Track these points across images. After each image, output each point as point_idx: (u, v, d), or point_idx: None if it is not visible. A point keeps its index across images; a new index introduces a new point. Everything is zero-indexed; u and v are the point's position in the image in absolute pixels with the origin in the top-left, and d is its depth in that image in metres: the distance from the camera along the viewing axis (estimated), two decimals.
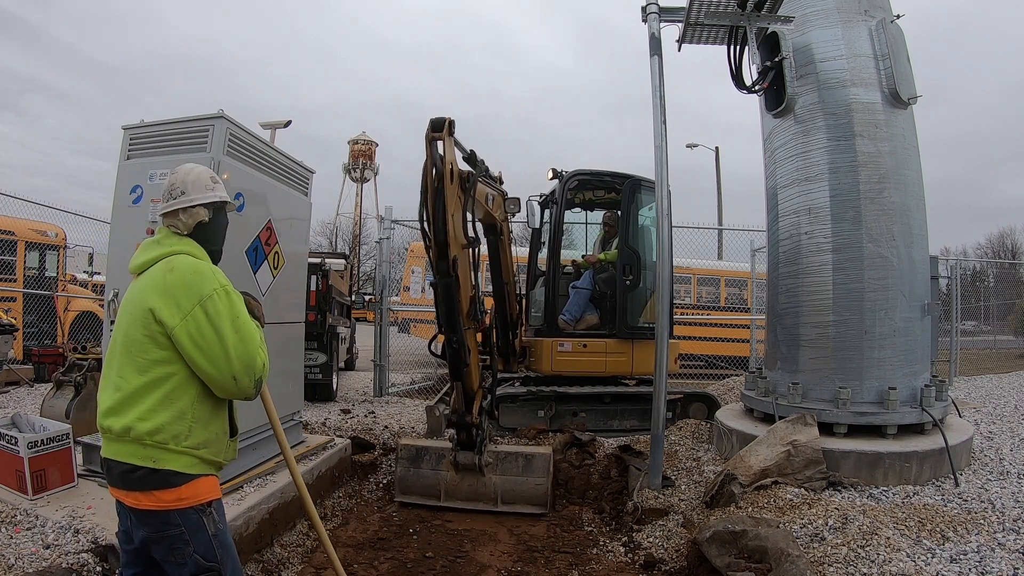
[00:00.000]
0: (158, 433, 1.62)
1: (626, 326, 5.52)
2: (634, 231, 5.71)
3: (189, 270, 1.71)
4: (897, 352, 3.80)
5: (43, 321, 8.41)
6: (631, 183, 5.71)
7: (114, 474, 1.67)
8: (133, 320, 1.68)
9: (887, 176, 3.87)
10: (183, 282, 1.67)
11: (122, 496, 1.67)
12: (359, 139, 40.30)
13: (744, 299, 12.63)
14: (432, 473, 4.09)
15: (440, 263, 3.53)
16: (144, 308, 1.66)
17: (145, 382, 1.65)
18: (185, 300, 1.65)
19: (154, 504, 1.62)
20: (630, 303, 5.58)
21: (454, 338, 3.69)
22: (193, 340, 1.63)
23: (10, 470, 2.96)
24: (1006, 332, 17.22)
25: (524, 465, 4.07)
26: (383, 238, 7.76)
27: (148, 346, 1.66)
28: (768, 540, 2.55)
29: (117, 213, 3.38)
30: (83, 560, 2.39)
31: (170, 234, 1.83)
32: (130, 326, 1.68)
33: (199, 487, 1.68)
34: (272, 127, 5.15)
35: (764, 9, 3.75)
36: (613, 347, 5.53)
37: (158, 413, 1.63)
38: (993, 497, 3.07)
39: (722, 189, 18.95)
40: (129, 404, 1.64)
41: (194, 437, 1.67)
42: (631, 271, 5.54)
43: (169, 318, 1.63)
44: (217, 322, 1.66)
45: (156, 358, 1.65)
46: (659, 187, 3.78)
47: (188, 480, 1.66)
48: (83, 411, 4.23)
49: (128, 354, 1.67)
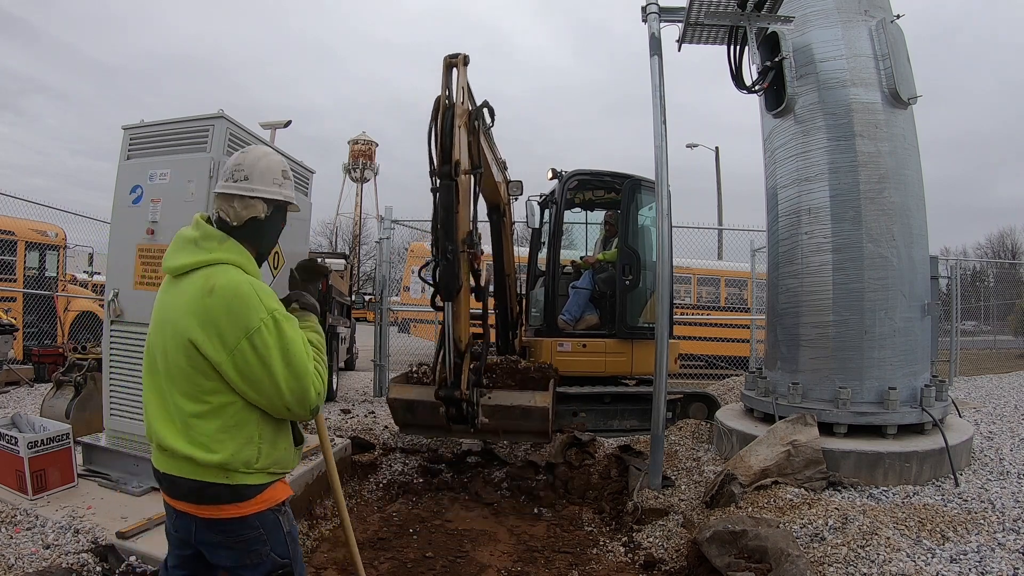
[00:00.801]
0: (227, 464, 1.51)
1: (625, 326, 5.52)
2: (634, 231, 5.71)
3: (232, 294, 1.49)
4: (897, 352, 3.80)
5: (43, 321, 8.42)
6: (631, 183, 5.72)
7: (181, 490, 1.57)
8: (176, 347, 1.51)
9: (887, 176, 3.87)
10: (226, 310, 1.47)
11: (193, 509, 1.57)
12: (359, 139, 40.32)
13: (744, 299, 12.63)
14: (430, 417, 3.98)
15: (443, 167, 3.44)
16: (185, 339, 1.49)
17: (201, 411, 1.52)
18: (230, 333, 1.47)
19: (235, 513, 1.56)
20: (630, 303, 5.58)
21: (449, 248, 3.39)
22: (242, 375, 1.49)
23: (10, 470, 2.96)
24: (1006, 332, 17.23)
25: (521, 415, 3.92)
26: (383, 238, 7.76)
27: (196, 376, 1.51)
28: (768, 540, 2.55)
29: (117, 213, 3.38)
30: (83, 560, 2.39)
31: (209, 232, 1.61)
32: (172, 351, 1.53)
33: (275, 491, 1.65)
34: (272, 127, 5.15)
35: (764, 9, 3.75)
36: (613, 347, 5.53)
37: (224, 444, 1.51)
38: (993, 497, 3.07)
39: (722, 189, 18.96)
40: (186, 433, 1.52)
41: (264, 458, 1.58)
42: (631, 271, 5.54)
43: (215, 353, 1.47)
44: (266, 357, 1.48)
45: (208, 388, 1.51)
46: (659, 187, 3.78)
47: (264, 488, 1.61)
48: (83, 411, 4.23)
49: (173, 380, 1.54)
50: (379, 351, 7.52)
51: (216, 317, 1.47)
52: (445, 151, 3.46)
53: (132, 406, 3.25)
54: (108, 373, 3.33)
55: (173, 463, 1.56)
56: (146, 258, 3.24)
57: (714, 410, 5.10)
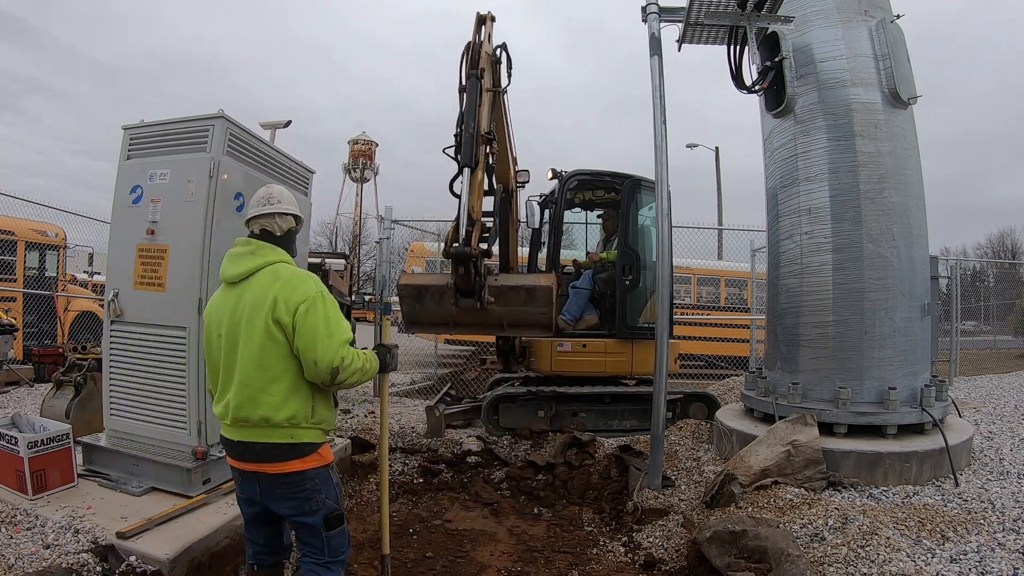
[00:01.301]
0: (293, 417, 1.99)
1: (625, 326, 5.52)
2: (634, 231, 5.71)
3: (293, 278, 2.05)
4: (897, 352, 3.80)
5: (43, 321, 8.41)
6: (631, 183, 5.72)
7: (254, 452, 2.01)
8: (254, 327, 1.98)
9: (887, 176, 3.87)
10: (292, 289, 2.01)
11: (264, 468, 2.02)
12: (359, 139, 40.27)
13: (744, 299, 12.62)
14: (436, 308, 4.07)
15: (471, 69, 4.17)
16: (263, 313, 1.97)
17: (270, 376, 1.97)
18: (293, 301, 1.98)
19: (300, 467, 2.01)
20: (629, 303, 5.58)
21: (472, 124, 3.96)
22: (298, 331, 1.97)
23: (10, 470, 2.96)
24: (1006, 332, 17.23)
25: (526, 297, 4.01)
26: (383, 238, 7.76)
27: (268, 345, 1.97)
28: (768, 540, 2.55)
29: (117, 213, 3.38)
30: (83, 560, 2.39)
31: (261, 244, 2.14)
32: (247, 329, 1.99)
33: (326, 451, 2.11)
34: (272, 127, 5.16)
35: (764, 9, 3.75)
36: (612, 347, 5.53)
37: (289, 402, 1.99)
38: (993, 497, 3.07)
39: (722, 189, 18.95)
40: (260, 398, 1.97)
41: (317, 415, 2.06)
42: (631, 271, 5.54)
43: (285, 315, 1.97)
44: (314, 318, 1.98)
45: (276, 354, 1.98)
46: (659, 187, 3.78)
47: (319, 447, 2.08)
48: (83, 411, 4.23)
49: (248, 354, 1.98)
50: None
51: (287, 293, 1.99)
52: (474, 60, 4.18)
53: (132, 406, 3.25)
54: (108, 373, 3.33)
55: (248, 431, 2.01)
56: (146, 258, 3.24)
57: (714, 410, 5.10)
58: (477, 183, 3.97)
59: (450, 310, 4.05)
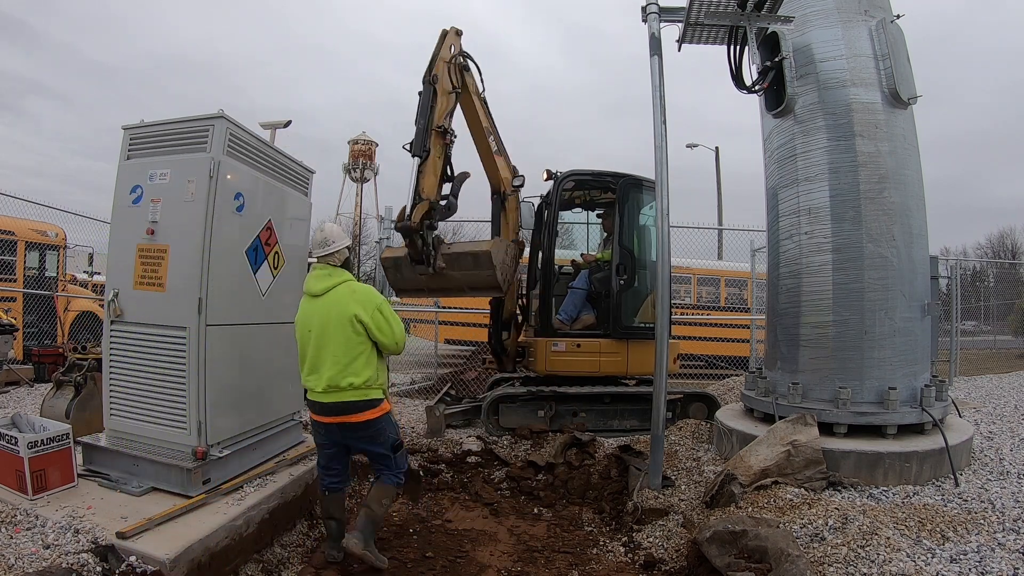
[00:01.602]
0: (367, 381, 2.99)
1: (620, 326, 5.51)
2: (629, 230, 5.71)
3: (364, 291, 3.09)
4: (897, 352, 3.80)
5: (43, 321, 8.41)
6: (625, 182, 5.71)
7: (341, 406, 2.98)
8: (339, 322, 2.97)
9: (887, 176, 3.87)
10: (366, 297, 3.05)
11: (349, 418, 2.99)
12: (359, 139, 40.22)
13: (744, 299, 12.62)
14: (412, 275, 4.99)
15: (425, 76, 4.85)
16: (349, 314, 2.97)
17: (353, 355, 2.97)
18: (369, 306, 3.01)
19: (373, 415, 3.02)
20: (625, 303, 5.57)
21: (421, 122, 4.71)
22: (377, 327, 3.01)
23: (10, 470, 2.96)
24: (1006, 332, 17.22)
25: (474, 262, 4.85)
26: (383, 238, 7.75)
27: (352, 335, 2.97)
28: (768, 540, 2.55)
29: (117, 213, 3.37)
30: (83, 560, 2.39)
31: (333, 269, 3.12)
32: (336, 326, 2.97)
33: (387, 403, 3.12)
34: (272, 127, 5.15)
35: (764, 9, 3.75)
36: (607, 347, 5.53)
37: (365, 370, 2.99)
38: (993, 497, 3.07)
39: (722, 189, 18.94)
40: (346, 370, 2.95)
41: (380, 379, 3.08)
42: (625, 270, 5.54)
43: (365, 316, 2.98)
44: (385, 317, 3.05)
45: (357, 341, 2.98)
46: (659, 187, 3.78)
47: (383, 400, 3.08)
48: (83, 411, 4.23)
49: (337, 342, 2.96)
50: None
51: (363, 301, 3.02)
52: (429, 67, 4.86)
53: (132, 406, 3.25)
54: (108, 373, 3.32)
55: (335, 393, 2.96)
56: (146, 258, 3.23)
57: (714, 410, 5.10)
58: (428, 169, 4.69)
59: (422, 278, 4.90)
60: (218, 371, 3.23)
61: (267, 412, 3.78)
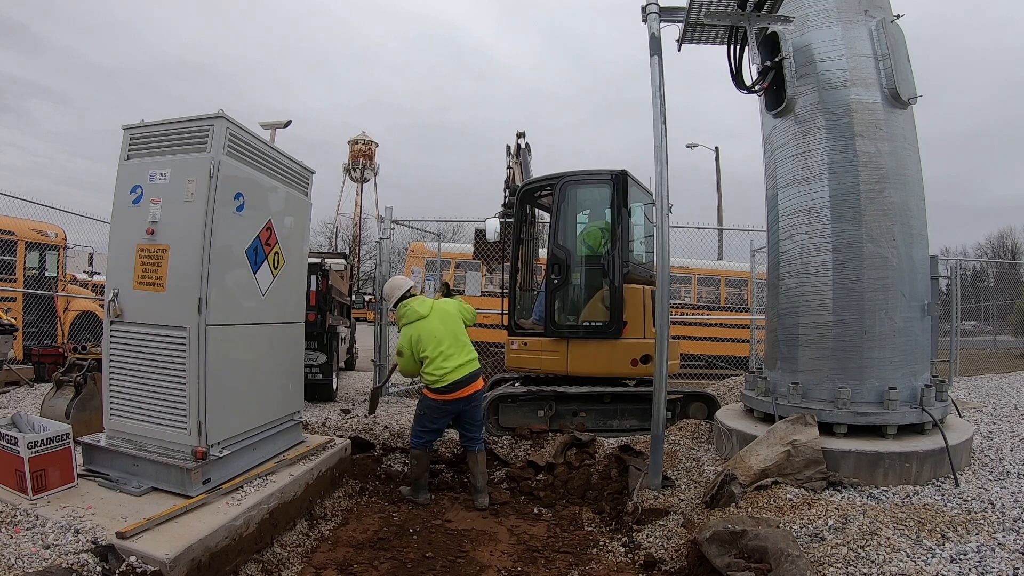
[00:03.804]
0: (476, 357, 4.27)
1: (554, 325, 5.54)
2: (564, 230, 5.72)
3: (456, 302, 4.48)
4: (897, 352, 3.80)
5: (43, 321, 8.41)
6: (562, 182, 5.74)
7: (477, 372, 4.23)
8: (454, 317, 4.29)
9: (887, 176, 3.87)
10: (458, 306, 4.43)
11: (475, 386, 4.20)
12: (359, 139, 40.25)
13: (744, 299, 12.63)
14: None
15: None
16: (456, 316, 4.31)
17: (467, 341, 4.30)
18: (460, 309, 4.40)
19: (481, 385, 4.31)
20: (560, 302, 5.61)
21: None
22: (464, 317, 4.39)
23: (10, 470, 2.96)
24: (1006, 332, 17.22)
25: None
26: (383, 238, 7.75)
27: (460, 323, 4.31)
28: (768, 540, 2.55)
29: (117, 213, 3.37)
30: (83, 560, 2.39)
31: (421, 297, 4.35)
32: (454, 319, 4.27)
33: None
34: (272, 127, 5.14)
35: (764, 9, 3.75)
36: (547, 345, 5.60)
37: (473, 351, 4.29)
38: (993, 497, 3.07)
39: (722, 190, 18.94)
40: (469, 351, 4.25)
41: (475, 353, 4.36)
42: (559, 270, 5.55)
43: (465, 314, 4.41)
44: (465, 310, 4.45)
45: (463, 328, 4.31)
46: (659, 187, 3.78)
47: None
48: (83, 411, 4.23)
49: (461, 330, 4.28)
50: (379, 351, 7.52)
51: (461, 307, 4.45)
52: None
53: (132, 406, 3.25)
54: (108, 373, 3.32)
55: (468, 366, 4.16)
56: (146, 258, 3.23)
57: (714, 410, 5.10)
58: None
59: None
60: (218, 371, 3.23)
61: (267, 412, 3.78)
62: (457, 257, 12.81)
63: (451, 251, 12.84)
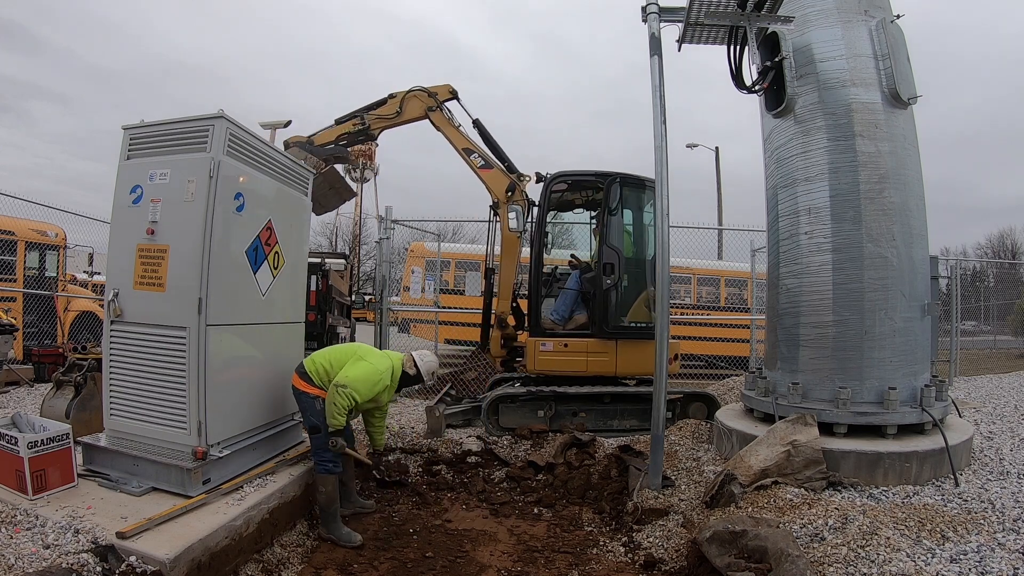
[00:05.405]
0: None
1: (608, 326, 5.50)
2: (617, 229, 5.69)
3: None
4: (897, 352, 3.80)
5: (43, 321, 8.40)
6: (611, 180, 5.68)
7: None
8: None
9: (887, 176, 3.87)
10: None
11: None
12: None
13: (744, 299, 12.62)
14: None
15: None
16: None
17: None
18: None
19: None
20: (612, 302, 5.56)
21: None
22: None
23: (10, 470, 2.96)
24: (1006, 332, 17.21)
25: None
26: (383, 238, 7.75)
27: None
28: (768, 540, 2.55)
29: (117, 213, 3.37)
30: (83, 560, 2.39)
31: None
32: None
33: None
34: (272, 127, 5.15)
35: (764, 9, 3.75)
36: (595, 347, 5.53)
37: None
38: (993, 497, 3.07)
39: (722, 190, 18.94)
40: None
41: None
42: (612, 270, 5.52)
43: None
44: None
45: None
46: (659, 187, 3.77)
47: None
48: (83, 411, 4.23)
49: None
50: None
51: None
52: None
53: (132, 406, 3.25)
54: (108, 373, 3.32)
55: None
56: (146, 258, 3.23)
57: (714, 410, 5.10)
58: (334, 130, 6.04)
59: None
60: (218, 371, 3.23)
61: (267, 412, 3.78)
62: (457, 257, 12.82)
63: (451, 251, 12.85)
